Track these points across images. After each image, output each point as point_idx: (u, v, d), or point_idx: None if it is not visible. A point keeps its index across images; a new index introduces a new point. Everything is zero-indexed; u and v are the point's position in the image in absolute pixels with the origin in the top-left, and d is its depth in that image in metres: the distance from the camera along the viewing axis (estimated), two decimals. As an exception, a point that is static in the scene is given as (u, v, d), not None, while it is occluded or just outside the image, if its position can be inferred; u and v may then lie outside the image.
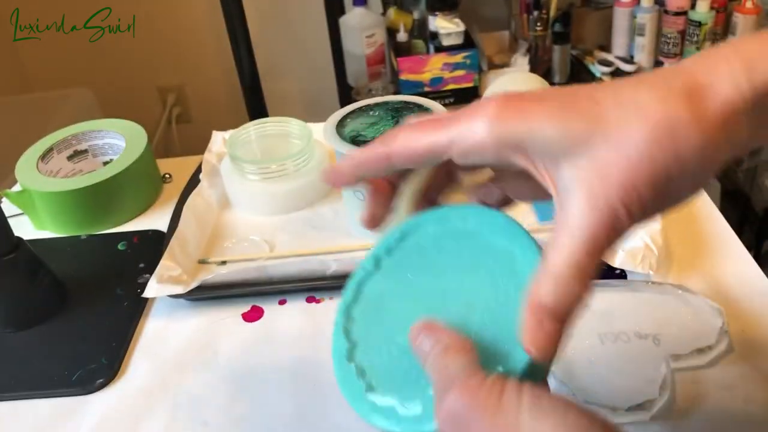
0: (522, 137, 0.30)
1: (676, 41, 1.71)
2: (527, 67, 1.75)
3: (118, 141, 0.80)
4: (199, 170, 0.77)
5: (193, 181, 0.76)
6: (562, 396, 0.34)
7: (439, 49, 1.67)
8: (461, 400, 0.29)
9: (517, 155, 0.31)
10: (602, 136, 0.29)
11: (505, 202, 0.39)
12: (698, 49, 1.68)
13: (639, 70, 1.76)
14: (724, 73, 0.29)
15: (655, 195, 0.29)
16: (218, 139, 0.82)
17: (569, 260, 0.29)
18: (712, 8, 1.64)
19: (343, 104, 1.81)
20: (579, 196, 0.29)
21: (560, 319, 0.29)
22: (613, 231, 0.29)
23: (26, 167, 0.75)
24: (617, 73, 1.75)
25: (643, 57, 1.76)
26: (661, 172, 0.28)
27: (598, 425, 0.27)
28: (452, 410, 0.29)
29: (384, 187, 0.38)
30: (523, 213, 0.67)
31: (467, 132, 0.31)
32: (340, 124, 0.65)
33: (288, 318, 0.60)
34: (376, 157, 0.34)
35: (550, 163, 0.30)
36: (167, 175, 0.82)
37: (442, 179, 0.39)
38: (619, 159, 0.28)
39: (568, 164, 0.29)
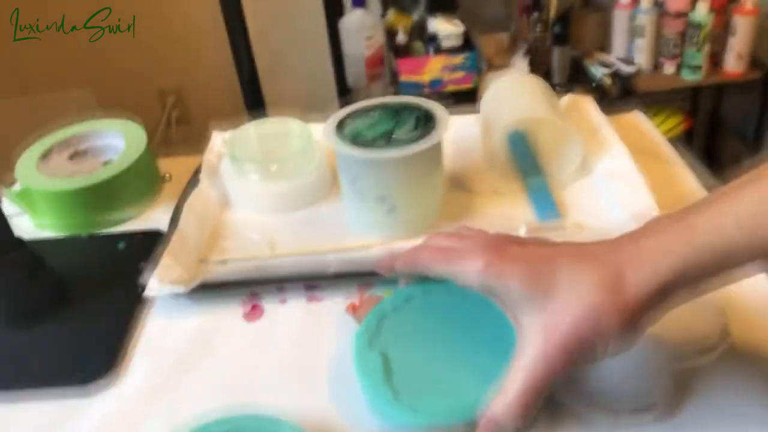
0: (499, 291, 0.43)
1: (675, 43, 1.71)
2: (527, 68, 1.75)
3: (118, 141, 0.80)
4: (198, 170, 0.77)
5: (193, 181, 0.76)
6: None
7: (439, 50, 1.67)
8: None
9: (495, 298, 0.44)
10: (551, 306, 0.41)
11: None
12: (698, 51, 1.68)
13: (638, 72, 1.77)
14: (639, 267, 0.40)
15: (582, 356, 0.41)
16: (218, 138, 0.82)
17: (519, 397, 0.41)
18: (711, 10, 1.65)
19: (342, 106, 1.81)
20: (532, 346, 0.41)
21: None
22: (550, 379, 0.40)
23: (26, 167, 0.75)
24: (617, 75, 1.75)
25: (642, 58, 1.76)
26: (587, 343, 0.40)
27: None
28: None
29: None
30: (524, 212, 0.67)
31: (464, 275, 0.44)
32: (340, 125, 0.65)
33: (288, 317, 0.60)
34: (408, 264, 0.50)
35: (517, 311, 0.43)
36: (167, 175, 0.82)
37: None
38: (560, 329, 0.40)
39: (527, 318, 0.42)
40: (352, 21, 1.73)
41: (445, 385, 0.47)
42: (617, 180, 0.68)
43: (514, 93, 0.76)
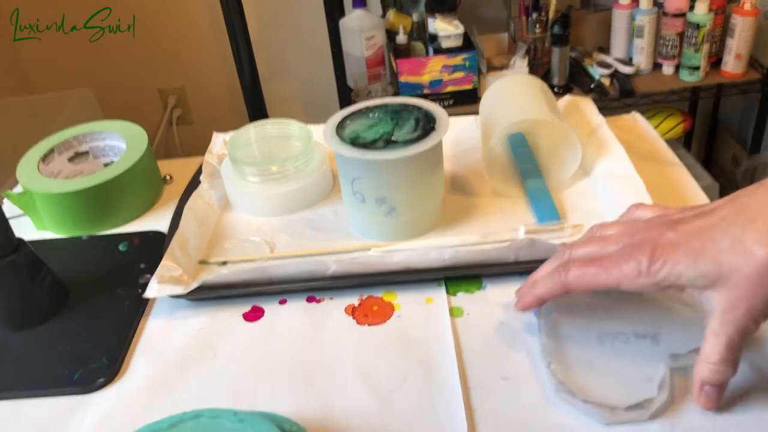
0: (673, 280, 0.44)
1: (674, 43, 1.71)
2: (526, 69, 1.75)
3: (119, 143, 0.80)
4: (199, 171, 0.77)
5: (194, 183, 0.77)
6: None
7: (439, 51, 1.67)
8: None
9: (670, 288, 0.45)
10: (726, 277, 0.42)
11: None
12: (697, 51, 1.68)
13: (637, 72, 1.77)
14: None
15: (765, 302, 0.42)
16: (219, 140, 0.82)
17: (717, 355, 0.44)
18: (710, 10, 1.65)
19: (342, 106, 1.82)
20: (717, 317, 0.43)
21: (716, 387, 0.45)
22: (744, 335, 0.43)
23: (27, 168, 0.75)
24: (616, 75, 1.75)
25: (641, 59, 1.76)
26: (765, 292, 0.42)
27: None
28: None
29: None
30: (523, 213, 0.67)
31: (628, 279, 0.46)
32: (340, 126, 0.66)
33: (288, 318, 0.60)
34: (555, 290, 0.49)
35: (692, 290, 0.44)
36: (168, 177, 0.82)
37: None
38: (738, 294, 0.42)
39: (706, 293, 0.44)
40: (353, 21, 1.73)
41: None
42: (616, 181, 0.68)
43: (513, 94, 0.77)
